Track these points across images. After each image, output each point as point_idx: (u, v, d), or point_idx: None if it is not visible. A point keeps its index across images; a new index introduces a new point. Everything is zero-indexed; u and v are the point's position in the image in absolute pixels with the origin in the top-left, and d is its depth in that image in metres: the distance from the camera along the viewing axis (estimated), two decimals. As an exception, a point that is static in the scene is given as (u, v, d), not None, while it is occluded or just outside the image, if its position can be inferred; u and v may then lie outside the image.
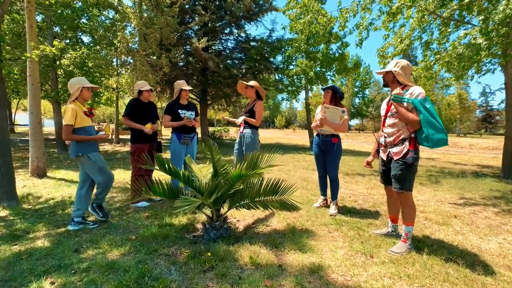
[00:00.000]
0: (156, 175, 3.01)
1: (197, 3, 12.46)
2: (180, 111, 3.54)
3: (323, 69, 13.03)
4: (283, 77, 14.33)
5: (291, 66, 13.74)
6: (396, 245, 2.28)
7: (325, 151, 3.22)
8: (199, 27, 12.29)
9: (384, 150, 2.43)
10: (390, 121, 2.34)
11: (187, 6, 11.97)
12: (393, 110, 2.30)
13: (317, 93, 39.32)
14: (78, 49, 8.84)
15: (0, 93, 3.60)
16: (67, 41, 9.53)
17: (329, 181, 3.36)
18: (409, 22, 6.24)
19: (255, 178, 2.46)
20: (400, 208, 2.44)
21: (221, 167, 2.52)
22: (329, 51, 12.56)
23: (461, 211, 3.46)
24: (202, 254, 2.10)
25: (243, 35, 13.70)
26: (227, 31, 13.62)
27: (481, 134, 35.85)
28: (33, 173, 5.08)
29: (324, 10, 6.63)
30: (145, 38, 8.89)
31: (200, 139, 8.65)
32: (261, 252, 2.17)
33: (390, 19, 5.24)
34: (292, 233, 2.55)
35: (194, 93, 14.05)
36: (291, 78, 13.50)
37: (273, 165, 2.41)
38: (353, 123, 53.28)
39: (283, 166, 6.87)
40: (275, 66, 14.01)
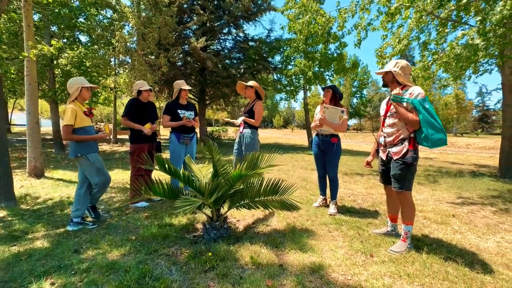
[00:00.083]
0: (155, 175, 3.00)
1: (196, 3, 12.44)
2: (179, 111, 3.53)
3: (322, 69, 13.05)
4: (281, 77, 14.35)
5: (290, 66, 13.76)
6: (395, 244, 2.30)
7: (325, 151, 3.23)
8: (197, 27, 12.28)
9: (383, 150, 2.45)
10: (389, 121, 2.35)
11: (186, 5, 11.96)
12: (393, 110, 2.31)
13: (315, 93, 39.43)
14: (75, 49, 8.79)
15: (-3, 92, 3.57)
16: (64, 41, 9.47)
17: (328, 181, 3.37)
18: (407, 22, 6.28)
19: (255, 178, 2.46)
20: (399, 207, 2.45)
21: (221, 167, 2.52)
22: (328, 51, 12.59)
23: (459, 210, 3.49)
24: (202, 254, 2.10)
25: (241, 35, 13.70)
26: (226, 30, 13.62)
27: (478, 134, 36.11)
28: (31, 174, 5.05)
29: (322, 10, 6.64)
30: (143, 37, 8.86)
31: (199, 139, 8.64)
32: (261, 251, 2.17)
33: (388, 19, 5.27)
34: (292, 233, 2.55)
35: (192, 93, 14.02)
36: (290, 78, 13.52)
37: (273, 165, 2.41)
38: (351, 123, 53.52)
39: (282, 166, 6.88)
40: (273, 66, 14.02)
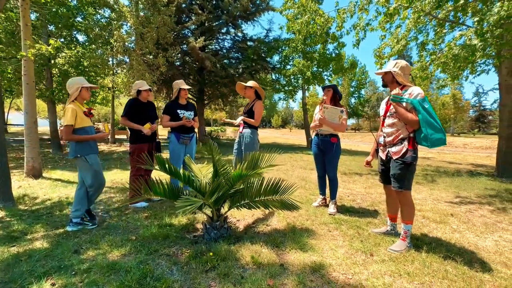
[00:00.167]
0: (155, 175, 2.99)
1: (194, 2, 12.41)
2: (179, 111, 3.53)
3: (320, 69, 13.08)
4: (280, 77, 14.36)
5: (288, 66, 13.77)
6: (395, 244, 2.31)
7: (324, 151, 3.24)
8: (196, 27, 12.25)
9: (383, 149, 2.46)
10: (389, 121, 2.37)
11: (184, 5, 11.92)
12: (392, 110, 2.33)
13: (313, 93, 39.50)
14: (73, 48, 8.74)
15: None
16: (62, 40, 9.41)
17: (328, 181, 3.39)
18: (405, 23, 6.31)
19: (256, 178, 2.47)
20: (399, 207, 2.47)
21: (221, 167, 2.52)
22: (326, 51, 12.62)
23: (457, 209, 3.52)
24: (203, 254, 2.10)
25: (240, 34, 13.69)
26: (224, 30, 13.59)
27: (474, 133, 36.42)
28: (28, 174, 5.01)
29: (321, 10, 6.66)
30: (141, 37, 8.83)
31: (198, 139, 8.61)
32: (262, 251, 2.18)
33: (387, 20, 5.29)
34: (292, 232, 2.56)
35: (191, 92, 13.99)
36: (288, 78, 13.53)
37: (273, 164, 2.42)
38: (349, 122, 53.65)
39: (281, 165, 6.89)
40: (272, 66, 14.03)
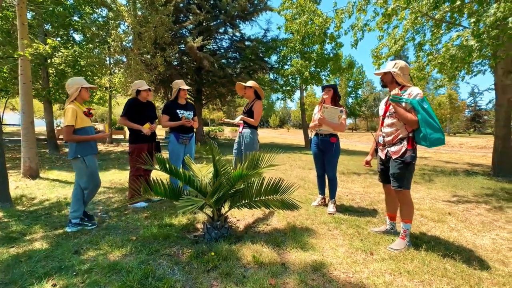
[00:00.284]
0: (154, 175, 2.98)
1: (192, 2, 12.38)
2: (178, 111, 3.52)
3: (318, 69, 13.13)
4: (278, 77, 14.38)
5: (286, 66, 13.79)
6: (394, 242, 2.34)
7: (324, 151, 3.26)
8: (193, 26, 12.22)
9: (382, 149, 2.48)
10: (388, 121, 2.39)
11: (182, 4, 11.89)
12: (392, 110, 2.35)
13: (310, 92, 39.62)
14: (70, 48, 8.67)
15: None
16: (58, 39, 9.33)
17: (327, 180, 3.40)
18: (402, 23, 6.37)
19: (256, 177, 2.48)
20: (398, 206, 2.50)
21: (222, 167, 2.52)
22: (324, 51, 12.67)
23: (455, 208, 3.56)
24: (204, 253, 2.11)
25: (238, 34, 13.68)
26: (222, 30, 13.58)
27: (470, 133, 36.79)
28: (26, 174, 4.97)
29: (319, 10, 6.69)
30: (139, 36, 8.78)
31: (196, 139, 8.59)
32: (263, 251, 2.18)
33: (385, 20, 5.33)
34: (293, 232, 2.57)
35: (188, 92, 13.94)
36: (286, 78, 13.56)
37: (273, 164, 2.43)
38: (347, 122, 53.87)
39: (280, 165, 6.90)
40: (270, 65, 14.05)
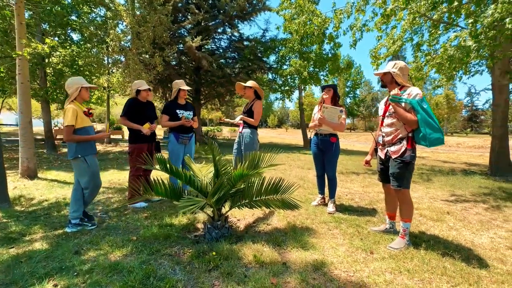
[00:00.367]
0: (154, 175, 2.98)
1: (190, 2, 12.35)
2: (178, 111, 3.52)
3: (316, 69, 13.16)
4: (276, 77, 14.40)
5: (285, 66, 13.81)
6: (394, 241, 2.35)
7: (324, 151, 3.27)
8: (192, 26, 12.20)
9: (382, 149, 2.50)
10: (388, 120, 2.41)
11: (180, 4, 11.87)
12: (391, 110, 2.36)
13: (308, 92, 39.71)
14: (67, 47, 8.62)
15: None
16: (56, 39, 9.28)
17: (327, 180, 3.42)
18: (400, 24, 6.40)
19: (256, 177, 2.48)
20: (397, 205, 2.51)
21: (222, 167, 2.52)
22: (322, 52, 12.70)
23: (453, 207, 3.58)
24: (205, 253, 2.11)
25: (236, 34, 13.68)
26: (221, 30, 13.58)
27: (467, 133, 37.05)
28: (23, 174, 4.93)
29: (318, 11, 6.71)
30: (138, 36, 8.76)
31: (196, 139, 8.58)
32: (264, 250, 2.19)
33: (384, 21, 5.36)
34: (293, 231, 2.58)
35: (188, 92, 13.93)
36: (285, 78, 13.58)
37: (274, 164, 2.44)
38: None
39: (280, 165, 6.91)
40: (268, 65, 14.05)
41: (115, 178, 5.08)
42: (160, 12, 9.05)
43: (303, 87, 14.54)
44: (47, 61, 8.59)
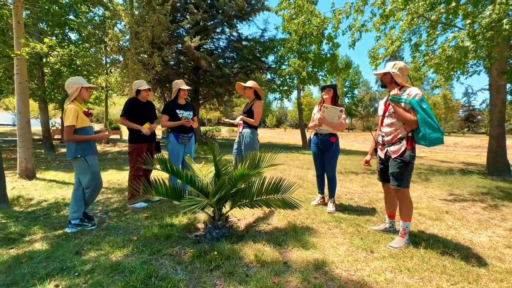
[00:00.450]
0: (153, 175, 2.97)
1: (189, 1, 12.33)
2: (178, 111, 3.51)
3: (315, 69, 13.20)
4: (275, 77, 14.42)
5: (284, 66, 13.84)
6: (394, 240, 2.37)
7: (324, 150, 3.28)
8: (191, 26, 12.18)
9: (381, 148, 2.51)
10: (388, 120, 2.42)
11: (179, 4, 11.85)
12: (391, 110, 2.38)
13: (307, 92, 39.79)
14: (65, 47, 8.58)
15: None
16: (53, 38, 9.23)
17: (326, 180, 3.43)
18: (399, 24, 6.44)
19: (257, 177, 2.49)
20: (397, 204, 2.53)
21: (223, 167, 2.53)
22: (321, 52, 12.74)
23: (452, 206, 3.61)
24: (207, 253, 2.11)
25: (235, 34, 13.67)
26: (219, 30, 13.56)
27: (464, 133, 37.27)
28: (22, 175, 4.91)
29: (317, 11, 6.72)
30: (136, 36, 8.73)
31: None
32: (265, 250, 2.20)
33: (383, 21, 5.38)
34: (293, 231, 2.59)
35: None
36: (284, 77, 13.59)
37: (275, 164, 2.45)
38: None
39: (280, 165, 6.93)
40: (267, 65, 14.07)
41: (114, 178, 5.07)
42: (158, 11, 9.04)
43: (301, 87, 14.57)
44: (44, 60, 8.54)
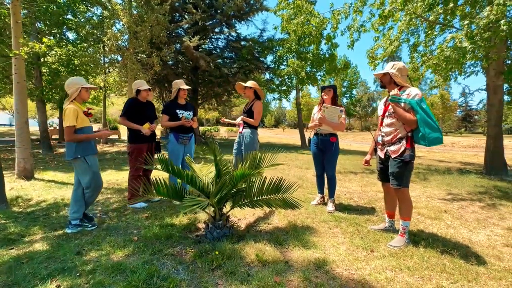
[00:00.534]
0: (153, 175, 2.97)
1: (188, 1, 12.30)
2: (178, 111, 3.51)
3: (314, 69, 13.23)
4: (274, 77, 14.43)
5: (282, 66, 13.85)
6: (394, 240, 2.39)
7: (324, 150, 3.30)
8: (189, 26, 12.17)
9: (381, 148, 2.53)
10: (387, 120, 2.44)
11: (178, 4, 11.82)
12: (391, 110, 2.39)
13: (305, 92, 39.86)
14: (63, 46, 8.54)
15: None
16: (51, 38, 9.18)
17: (326, 179, 3.45)
18: (397, 24, 6.47)
19: (257, 177, 2.50)
20: (396, 204, 2.55)
21: (223, 167, 2.53)
22: (320, 52, 12.77)
23: (450, 206, 3.64)
24: (208, 253, 2.12)
25: (234, 34, 13.67)
26: (218, 30, 13.54)
27: (461, 132, 37.55)
28: (20, 175, 4.88)
29: (316, 12, 6.74)
30: (135, 36, 8.71)
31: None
32: (266, 249, 2.21)
33: (382, 22, 5.41)
34: (294, 230, 2.60)
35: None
36: (282, 78, 13.61)
37: (275, 164, 2.46)
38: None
39: (279, 165, 6.94)
40: (266, 65, 14.08)
41: (113, 178, 5.05)
42: (157, 11, 9.02)
43: (300, 87, 14.59)
44: (42, 60, 8.49)
